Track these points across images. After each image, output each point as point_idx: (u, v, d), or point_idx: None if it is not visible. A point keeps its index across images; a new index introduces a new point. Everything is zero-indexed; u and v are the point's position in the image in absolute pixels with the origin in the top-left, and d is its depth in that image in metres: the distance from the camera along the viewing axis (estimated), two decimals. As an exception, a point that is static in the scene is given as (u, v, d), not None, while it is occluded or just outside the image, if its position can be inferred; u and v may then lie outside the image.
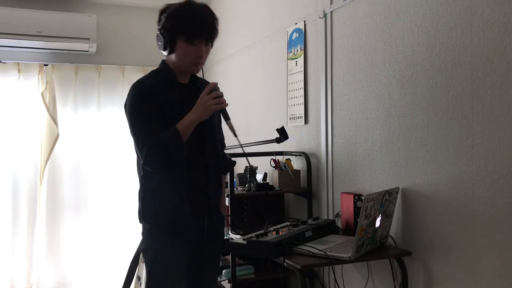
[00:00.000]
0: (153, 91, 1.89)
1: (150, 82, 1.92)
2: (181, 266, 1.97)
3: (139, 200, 2.00)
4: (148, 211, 1.95)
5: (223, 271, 3.03)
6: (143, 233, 2.00)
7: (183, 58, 1.92)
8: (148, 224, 1.96)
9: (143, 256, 2.02)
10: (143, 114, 1.86)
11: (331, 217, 2.68)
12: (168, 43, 1.89)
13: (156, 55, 2.54)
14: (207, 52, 1.96)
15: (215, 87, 1.88)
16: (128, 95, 1.92)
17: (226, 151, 3.08)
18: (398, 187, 2.15)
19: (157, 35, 1.92)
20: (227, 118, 1.92)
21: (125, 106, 1.94)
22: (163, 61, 2.02)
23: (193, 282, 2.06)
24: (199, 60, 1.93)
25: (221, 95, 1.88)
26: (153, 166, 1.86)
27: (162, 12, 1.93)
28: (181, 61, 1.93)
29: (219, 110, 1.90)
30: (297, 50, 3.03)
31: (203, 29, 1.89)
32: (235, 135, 1.89)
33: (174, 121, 1.87)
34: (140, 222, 2.01)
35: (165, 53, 1.95)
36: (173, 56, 1.93)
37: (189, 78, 2.04)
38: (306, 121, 2.95)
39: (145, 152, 1.81)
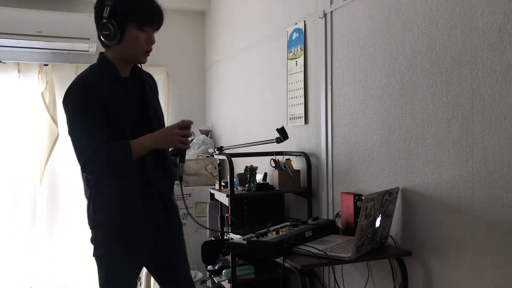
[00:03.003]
0: (98, 89, 1.77)
1: (93, 79, 1.80)
2: (134, 275, 1.91)
3: (88, 206, 1.87)
4: (101, 219, 1.84)
5: (223, 271, 3.03)
6: (93, 240, 1.90)
7: (133, 47, 1.81)
8: (102, 231, 1.87)
9: (97, 262, 1.91)
10: (88, 116, 1.74)
11: (331, 217, 2.68)
12: (118, 31, 1.76)
13: (156, 55, 2.53)
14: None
15: (189, 126, 1.82)
16: (70, 93, 1.79)
17: (227, 151, 3.09)
18: (398, 187, 2.15)
19: (102, 24, 1.76)
20: (182, 161, 1.86)
21: (64, 104, 1.81)
22: (102, 55, 1.88)
23: (166, 281, 2.03)
24: (149, 48, 1.85)
25: (189, 136, 1.83)
26: (92, 172, 1.75)
27: (103, 0, 1.78)
28: (130, 50, 1.82)
29: (179, 141, 1.80)
30: (297, 50, 3.03)
31: (157, 15, 1.83)
32: (180, 180, 1.85)
33: (118, 120, 1.79)
34: (91, 229, 1.91)
35: (109, 43, 1.80)
36: (118, 47, 1.81)
37: (130, 71, 1.92)
38: (306, 121, 2.95)
39: (86, 156, 1.69)
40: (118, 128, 1.80)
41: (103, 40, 1.81)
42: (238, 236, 2.32)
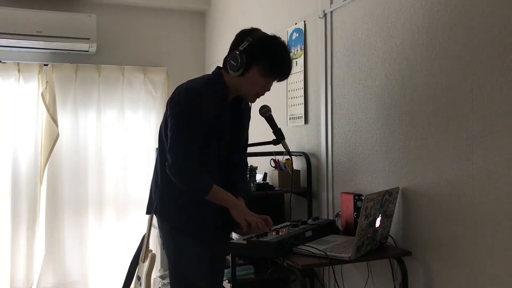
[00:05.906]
0: (206, 102, 1.85)
1: (205, 92, 1.87)
2: (204, 268, 1.98)
3: (156, 193, 1.97)
4: (172, 212, 1.95)
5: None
6: (162, 230, 1.99)
7: (248, 86, 1.90)
8: (169, 225, 1.96)
9: (166, 253, 2.00)
10: (191, 123, 1.83)
11: (331, 217, 2.68)
12: (243, 67, 1.84)
13: (156, 55, 2.53)
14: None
15: (266, 230, 1.93)
16: (180, 94, 1.87)
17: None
18: (398, 187, 2.15)
19: (235, 54, 1.86)
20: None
21: (171, 102, 1.88)
22: (220, 72, 1.96)
23: None
24: (262, 93, 1.93)
25: (261, 230, 1.90)
26: (172, 175, 1.83)
27: (247, 34, 1.88)
28: (245, 88, 1.91)
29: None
30: (297, 50, 3.03)
31: (284, 71, 1.90)
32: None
33: (218, 136, 1.89)
34: (156, 216, 2.00)
35: (232, 73, 1.89)
36: (237, 78, 1.89)
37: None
38: (306, 121, 2.95)
39: (177, 162, 1.80)
40: (215, 143, 1.92)
41: (228, 67, 1.90)
42: (238, 236, 2.32)
